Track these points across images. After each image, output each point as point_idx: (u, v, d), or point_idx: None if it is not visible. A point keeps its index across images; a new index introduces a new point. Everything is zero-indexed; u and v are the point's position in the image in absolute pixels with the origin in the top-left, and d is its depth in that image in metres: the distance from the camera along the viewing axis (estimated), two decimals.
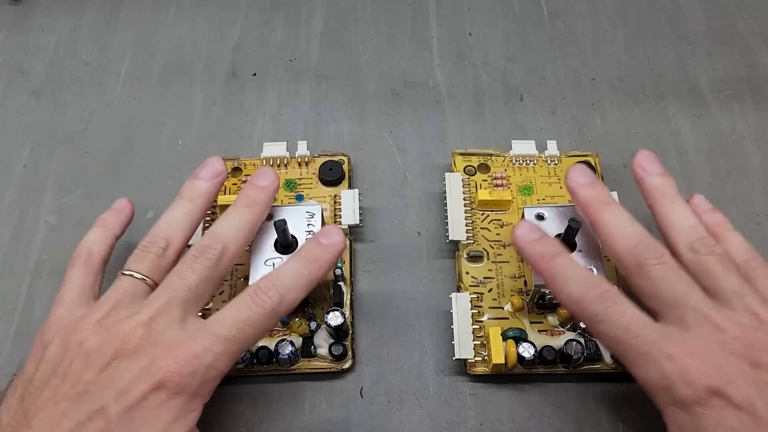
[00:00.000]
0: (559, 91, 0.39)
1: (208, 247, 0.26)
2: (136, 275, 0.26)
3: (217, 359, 0.24)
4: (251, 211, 0.28)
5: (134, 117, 0.39)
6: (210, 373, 0.24)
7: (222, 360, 0.24)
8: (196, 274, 0.26)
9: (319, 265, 0.27)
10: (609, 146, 0.37)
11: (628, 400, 0.30)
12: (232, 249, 0.27)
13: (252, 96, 0.40)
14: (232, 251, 0.27)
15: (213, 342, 0.24)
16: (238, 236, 0.28)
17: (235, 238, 0.27)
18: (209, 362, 0.24)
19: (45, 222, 0.35)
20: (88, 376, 0.23)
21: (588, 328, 0.26)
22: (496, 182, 0.35)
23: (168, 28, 0.43)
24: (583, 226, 0.29)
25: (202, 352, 0.24)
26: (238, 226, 0.28)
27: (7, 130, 0.39)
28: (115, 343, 0.23)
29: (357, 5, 0.43)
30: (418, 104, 0.39)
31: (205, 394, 0.24)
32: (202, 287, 0.26)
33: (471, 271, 0.32)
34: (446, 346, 0.31)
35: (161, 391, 0.23)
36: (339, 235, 0.28)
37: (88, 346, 0.24)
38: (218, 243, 0.27)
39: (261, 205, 0.29)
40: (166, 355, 0.23)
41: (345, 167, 0.35)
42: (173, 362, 0.23)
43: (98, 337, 0.24)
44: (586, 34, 0.42)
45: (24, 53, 0.42)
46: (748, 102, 0.39)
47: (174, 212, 0.29)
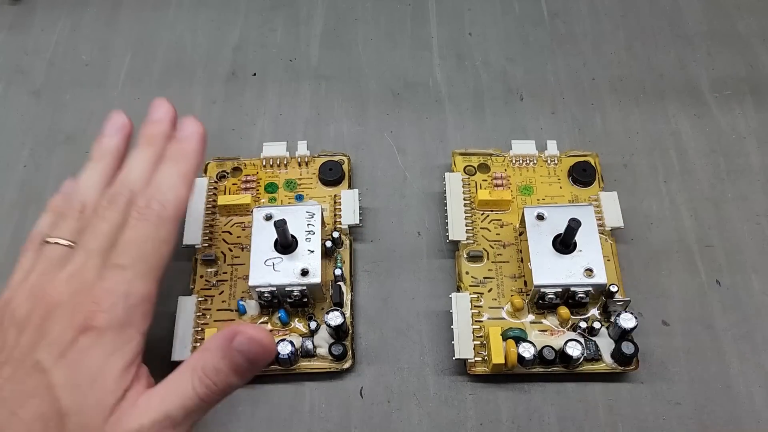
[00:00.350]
0: (559, 91, 0.39)
1: (116, 194, 0.27)
2: (62, 242, 0.26)
3: (131, 285, 0.24)
4: (151, 150, 0.28)
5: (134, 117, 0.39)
6: (130, 300, 0.24)
7: (136, 284, 0.24)
8: (108, 222, 0.26)
9: (187, 158, 0.27)
10: (609, 146, 0.37)
11: (628, 400, 0.30)
12: (140, 189, 0.27)
13: (252, 96, 0.40)
14: (141, 192, 0.27)
15: (119, 272, 0.24)
16: (144, 175, 0.27)
17: (142, 178, 0.27)
18: (123, 291, 0.24)
19: None
20: (23, 340, 0.24)
21: None
22: (496, 182, 0.35)
23: (168, 28, 0.43)
24: (583, 225, 0.29)
25: (113, 285, 0.24)
26: (142, 168, 0.28)
27: (7, 130, 0.39)
28: (42, 306, 0.24)
29: (357, 5, 0.43)
30: (418, 104, 0.39)
31: (137, 323, 0.24)
32: (116, 234, 0.26)
33: (471, 271, 0.32)
34: (446, 346, 0.31)
35: (89, 332, 0.23)
36: (193, 124, 0.28)
37: (18, 314, 0.24)
38: (125, 187, 0.27)
39: (159, 138, 0.29)
40: (84, 300, 0.24)
41: (345, 167, 0.35)
42: (90, 302, 0.24)
43: (27, 304, 0.25)
44: (586, 34, 0.42)
45: (24, 53, 0.42)
46: (748, 102, 0.39)
47: (86, 174, 0.29)
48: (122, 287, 0.24)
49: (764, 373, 0.30)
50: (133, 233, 0.25)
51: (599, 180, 0.35)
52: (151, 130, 0.29)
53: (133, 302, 0.24)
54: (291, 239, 0.30)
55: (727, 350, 0.31)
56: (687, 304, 0.32)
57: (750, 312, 0.32)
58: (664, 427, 0.29)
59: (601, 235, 0.32)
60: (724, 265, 0.33)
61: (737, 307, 0.32)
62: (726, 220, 0.35)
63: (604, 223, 0.33)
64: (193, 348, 0.30)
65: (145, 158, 0.28)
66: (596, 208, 0.33)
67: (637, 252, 0.34)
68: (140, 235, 0.25)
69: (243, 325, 0.23)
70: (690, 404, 0.30)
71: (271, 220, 0.31)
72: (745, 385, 0.30)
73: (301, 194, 0.35)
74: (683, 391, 0.30)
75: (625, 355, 0.29)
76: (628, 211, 0.34)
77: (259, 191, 0.35)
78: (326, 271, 0.32)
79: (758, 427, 0.29)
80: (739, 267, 0.33)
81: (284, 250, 0.30)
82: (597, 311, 0.31)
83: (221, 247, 0.33)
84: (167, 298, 0.32)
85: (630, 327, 0.29)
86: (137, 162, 0.28)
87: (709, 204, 0.35)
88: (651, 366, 0.31)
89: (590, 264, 0.29)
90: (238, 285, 0.32)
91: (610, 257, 0.32)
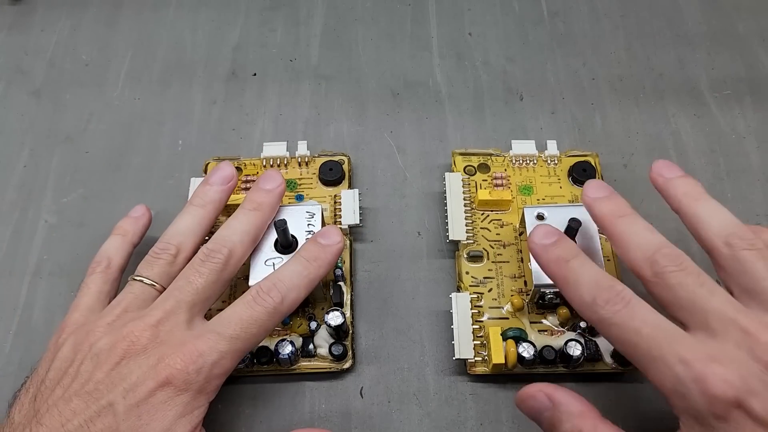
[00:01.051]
0: (559, 91, 0.39)
1: (215, 251, 0.27)
2: (146, 281, 0.27)
3: (222, 357, 0.24)
4: (257, 215, 0.29)
5: (134, 117, 0.39)
6: (215, 370, 0.24)
7: (227, 358, 0.25)
8: (203, 277, 0.26)
9: (319, 265, 0.28)
10: (609, 146, 0.37)
11: (628, 400, 0.30)
12: (239, 252, 0.28)
13: (252, 96, 0.40)
14: (238, 254, 0.28)
15: (218, 340, 0.25)
16: (244, 239, 0.28)
17: (241, 241, 0.28)
18: (214, 360, 0.24)
19: (45, 222, 0.35)
20: (98, 375, 0.24)
21: (602, 334, 0.25)
22: (496, 182, 0.35)
23: (168, 28, 0.43)
24: (583, 225, 0.29)
25: (207, 350, 0.24)
26: (244, 229, 0.28)
27: (7, 130, 0.39)
28: (124, 344, 0.24)
29: (357, 5, 0.43)
30: (418, 104, 0.39)
31: (210, 392, 0.25)
32: (208, 290, 0.27)
33: (471, 271, 0.32)
34: (446, 346, 0.31)
35: (168, 387, 0.23)
36: (338, 235, 0.28)
37: (98, 347, 0.24)
38: (224, 247, 0.27)
39: (267, 208, 0.29)
40: (172, 354, 0.24)
41: (345, 167, 0.35)
42: (179, 360, 0.24)
43: (108, 339, 0.25)
44: (586, 34, 0.42)
45: (24, 53, 0.42)
46: (748, 102, 0.39)
47: (184, 219, 0.29)
48: (214, 355, 0.24)
49: None
50: (246, 312, 0.26)
51: None
52: (261, 198, 0.29)
53: (217, 372, 0.24)
54: (291, 239, 0.30)
55: None
56: None
57: None
58: (664, 427, 0.29)
59: (601, 235, 0.32)
60: None
61: None
62: None
63: None
64: None
65: (249, 223, 0.29)
66: None
67: None
68: (252, 316, 0.26)
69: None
70: None
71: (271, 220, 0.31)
72: None
73: (301, 194, 0.35)
74: None
75: None
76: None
77: None
78: None
79: None
80: None
81: (284, 250, 0.30)
82: None
83: None
84: None
85: None
86: (240, 225, 0.28)
87: None
88: None
89: None
90: (238, 285, 0.32)
91: (610, 257, 0.32)
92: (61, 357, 0.25)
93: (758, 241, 0.24)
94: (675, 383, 0.22)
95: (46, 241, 0.35)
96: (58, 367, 0.25)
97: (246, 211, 0.29)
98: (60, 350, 0.25)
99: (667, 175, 0.27)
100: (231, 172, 0.31)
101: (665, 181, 0.27)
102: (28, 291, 0.33)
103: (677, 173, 0.27)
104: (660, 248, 0.25)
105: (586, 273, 0.25)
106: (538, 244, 0.27)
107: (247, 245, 0.28)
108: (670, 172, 0.27)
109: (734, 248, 0.24)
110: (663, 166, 0.28)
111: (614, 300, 0.24)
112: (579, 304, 0.25)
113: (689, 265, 0.24)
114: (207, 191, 0.30)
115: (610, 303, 0.24)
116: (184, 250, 0.28)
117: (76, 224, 0.35)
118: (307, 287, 0.27)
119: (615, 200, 0.27)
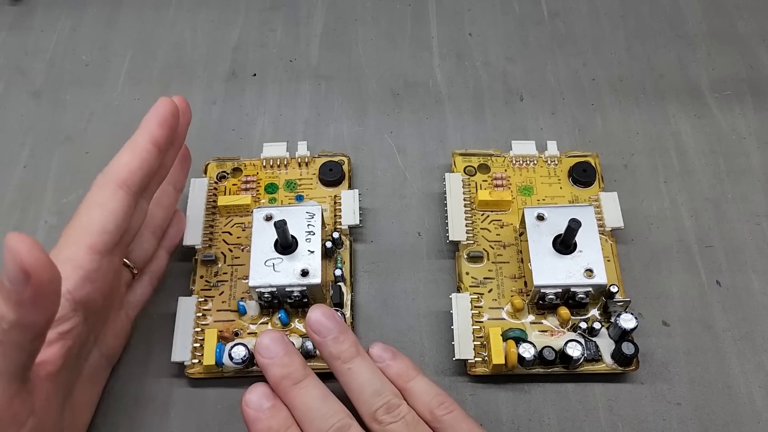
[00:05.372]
0: (559, 91, 0.39)
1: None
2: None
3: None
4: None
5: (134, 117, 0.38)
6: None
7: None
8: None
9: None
10: (609, 146, 0.37)
11: (628, 400, 0.30)
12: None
13: (252, 96, 0.40)
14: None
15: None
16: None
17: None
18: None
19: (45, 222, 0.35)
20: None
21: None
22: (496, 182, 0.35)
23: (168, 28, 0.43)
24: (583, 226, 0.29)
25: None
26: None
27: (7, 130, 0.39)
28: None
29: (357, 5, 0.43)
30: (418, 104, 0.39)
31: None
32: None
33: (471, 271, 0.32)
34: (446, 347, 0.31)
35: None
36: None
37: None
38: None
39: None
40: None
41: (345, 168, 0.35)
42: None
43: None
44: (586, 34, 0.42)
45: (24, 53, 0.42)
46: (748, 102, 0.39)
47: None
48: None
49: (764, 373, 0.30)
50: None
51: (599, 180, 0.35)
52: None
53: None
54: (291, 240, 0.30)
55: (727, 350, 0.31)
56: (687, 305, 0.32)
57: (750, 312, 0.32)
58: (664, 427, 0.29)
59: (601, 235, 0.32)
60: (724, 265, 0.33)
61: (737, 308, 0.32)
62: (726, 220, 0.35)
63: (604, 224, 0.33)
64: (194, 349, 0.30)
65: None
66: (596, 209, 0.33)
67: (637, 252, 0.34)
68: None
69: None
70: (690, 405, 0.30)
71: (272, 220, 0.31)
72: (746, 386, 0.30)
73: (301, 195, 0.35)
74: (683, 392, 0.30)
75: (626, 356, 0.29)
76: (628, 211, 0.34)
77: (259, 192, 0.35)
78: (326, 271, 0.32)
79: (758, 428, 0.29)
80: (739, 267, 0.33)
81: (284, 250, 0.30)
82: (597, 312, 0.31)
83: (221, 248, 0.33)
84: (167, 299, 0.32)
85: (630, 327, 0.29)
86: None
87: (709, 204, 0.35)
88: (651, 366, 0.31)
89: (590, 264, 0.29)
90: (238, 285, 0.32)
91: (611, 258, 0.32)
92: None
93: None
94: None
95: (46, 241, 0.35)
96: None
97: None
98: None
99: (321, 333, 0.27)
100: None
101: (319, 342, 0.27)
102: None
103: (331, 333, 0.27)
104: (378, 394, 0.26)
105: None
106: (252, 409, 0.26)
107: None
108: (324, 331, 0.27)
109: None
110: (317, 324, 0.27)
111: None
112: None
113: (406, 413, 0.25)
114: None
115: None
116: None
117: None
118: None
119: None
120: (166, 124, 0.27)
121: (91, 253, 0.24)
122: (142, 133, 0.26)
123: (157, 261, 0.31)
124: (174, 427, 0.30)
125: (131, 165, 0.26)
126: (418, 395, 0.27)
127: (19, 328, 0.20)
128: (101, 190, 0.25)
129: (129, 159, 0.26)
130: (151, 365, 0.31)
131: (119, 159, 0.26)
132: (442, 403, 0.26)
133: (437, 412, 0.26)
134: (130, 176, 0.26)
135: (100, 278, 0.25)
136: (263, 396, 0.26)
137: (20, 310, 0.19)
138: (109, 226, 0.25)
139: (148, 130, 0.26)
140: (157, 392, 0.30)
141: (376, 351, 0.28)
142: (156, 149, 0.26)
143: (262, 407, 0.26)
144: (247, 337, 0.31)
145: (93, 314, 0.26)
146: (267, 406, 0.26)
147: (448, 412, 0.26)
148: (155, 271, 0.31)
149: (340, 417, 0.25)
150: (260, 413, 0.26)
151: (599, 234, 0.31)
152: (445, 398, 0.26)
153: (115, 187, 0.25)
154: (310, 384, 0.26)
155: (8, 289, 0.19)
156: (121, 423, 0.30)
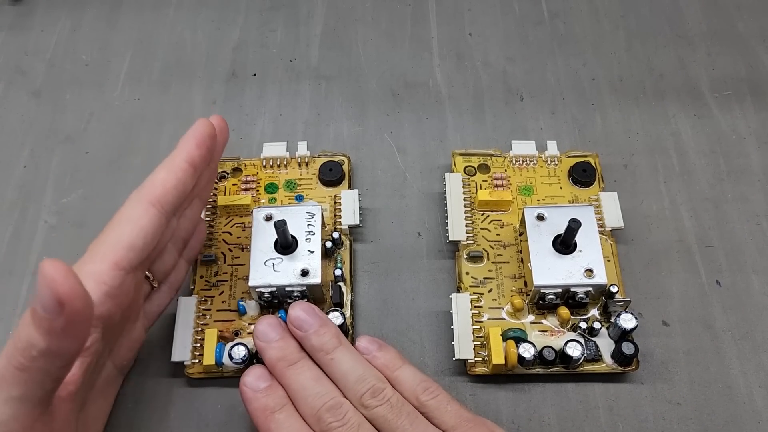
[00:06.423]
0: (559, 91, 0.39)
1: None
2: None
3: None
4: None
5: (134, 117, 0.39)
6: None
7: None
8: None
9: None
10: (609, 146, 0.37)
11: (628, 400, 0.30)
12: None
13: (252, 96, 0.40)
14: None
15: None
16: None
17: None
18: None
19: (45, 222, 0.35)
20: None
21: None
22: (496, 182, 0.35)
23: (168, 28, 0.43)
24: (583, 225, 0.29)
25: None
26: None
27: (7, 130, 0.39)
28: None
29: (357, 5, 0.43)
30: (418, 104, 0.39)
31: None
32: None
33: (471, 271, 0.32)
34: (446, 347, 0.31)
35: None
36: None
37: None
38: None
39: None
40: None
41: (345, 167, 0.35)
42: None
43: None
44: (586, 34, 0.42)
45: (24, 53, 0.42)
46: (748, 102, 0.39)
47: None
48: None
49: (764, 373, 0.30)
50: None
51: (599, 180, 0.35)
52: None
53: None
54: (291, 240, 0.30)
55: (727, 350, 0.31)
56: (687, 305, 0.32)
57: (750, 312, 0.32)
58: (664, 427, 0.29)
59: (601, 235, 0.32)
60: (724, 265, 0.33)
61: (737, 308, 0.32)
62: (726, 220, 0.35)
63: (604, 224, 0.33)
64: (194, 348, 0.30)
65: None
66: (596, 209, 0.33)
67: (637, 252, 0.34)
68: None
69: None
70: (690, 405, 0.30)
71: (271, 220, 0.31)
72: (746, 386, 0.30)
73: (301, 195, 0.35)
74: (683, 392, 0.30)
75: (626, 356, 0.29)
76: (628, 211, 0.34)
77: (259, 192, 0.35)
78: (326, 271, 0.32)
79: (758, 428, 0.29)
80: (739, 267, 0.33)
81: (284, 250, 0.30)
82: (597, 312, 0.31)
83: (221, 248, 0.33)
84: None
85: (630, 327, 0.29)
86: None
87: (709, 204, 0.35)
88: (651, 366, 0.31)
89: (590, 264, 0.29)
90: (238, 285, 0.32)
91: (611, 257, 0.32)
92: None
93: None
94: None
95: (46, 241, 0.35)
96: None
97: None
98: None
99: (303, 328, 0.28)
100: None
101: (302, 337, 0.28)
102: (28, 291, 0.33)
103: (313, 328, 0.28)
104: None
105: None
106: (249, 389, 0.27)
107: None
108: (306, 326, 0.28)
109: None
110: (302, 322, 0.28)
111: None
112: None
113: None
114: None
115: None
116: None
117: (76, 224, 0.35)
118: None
119: (286, 344, 0.27)
120: (204, 145, 0.27)
121: (115, 269, 0.24)
122: (179, 152, 0.26)
123: (176, 272, 0.30)
124: (174, 427, 0.30)
125: (167, 183, 0.26)
126: (404, 383, 0.27)
127: (48, 355, 0.20)
128: (134, 207, 0.25)
129: (165, 177, 0.26)
130: (151, 365, 0.31)
131: (155, 176, 0.26)
132: (428, 388, 0.27)
133: (423, 397, 0.26)
134: (165, 194, 0.26)
135: (122, 294, 0.25)
136: (260, 377, 0.27)
137: (51, 338, 0.19)
138: (138, 242, 0.25)
139: (186, 150, 0.26)
140: (156, 392, 0.30)
141: (363, 343, 0.28)
142: (192, 169, 0.26)
143: (258, 387, 0.27)
144: (247, 337, 0.31)
145: (110, 328, 0.25)
146: (263, 386, 0.27)
147: (433, 397, 0.26)
148: (174, 282, 0.30)
149: (332, 396, 0.26)
150: (257, 393, 0.26)
151: (599, 234, 0.31)
152: (430, 383, 0.27)
153: (148, 204, 0.25)
154: (305, 366, 0.27)
155: (40, 316, 0.19)
156: (121, 423, 0.30)
